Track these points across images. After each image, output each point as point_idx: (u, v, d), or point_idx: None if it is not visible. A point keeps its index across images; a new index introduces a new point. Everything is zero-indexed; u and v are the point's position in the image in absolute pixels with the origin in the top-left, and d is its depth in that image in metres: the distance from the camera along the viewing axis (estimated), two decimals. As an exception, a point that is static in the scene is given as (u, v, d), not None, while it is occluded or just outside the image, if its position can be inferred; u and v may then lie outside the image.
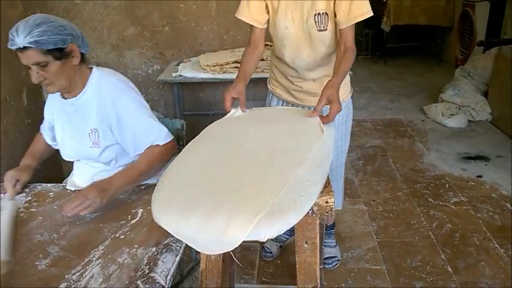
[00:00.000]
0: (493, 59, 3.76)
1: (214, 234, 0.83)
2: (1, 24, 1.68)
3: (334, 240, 2.11)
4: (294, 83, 1.67)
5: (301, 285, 1.07)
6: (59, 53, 1.30)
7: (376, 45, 6.13)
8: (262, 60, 2.66)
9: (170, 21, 3.04)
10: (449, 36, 5.49)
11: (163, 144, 1.44)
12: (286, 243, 2.18)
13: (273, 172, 0.96)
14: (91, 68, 1.46)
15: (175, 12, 3.02)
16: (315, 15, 1.46)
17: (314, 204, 0.95)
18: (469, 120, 3.73)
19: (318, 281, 1.07)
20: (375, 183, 2.81)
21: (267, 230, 0.81)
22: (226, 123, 1.31)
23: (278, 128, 1.22)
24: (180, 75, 2.70)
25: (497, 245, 2.16)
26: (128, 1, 3.01)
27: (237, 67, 2.67)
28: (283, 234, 2.05)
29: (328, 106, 1.27)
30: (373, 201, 2.60)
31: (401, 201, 2.59)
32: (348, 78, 1.71)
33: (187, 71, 2.70)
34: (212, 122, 1.35)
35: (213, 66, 2.67)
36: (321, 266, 1.43)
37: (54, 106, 1.52)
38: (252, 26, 1.56)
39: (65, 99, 1.45)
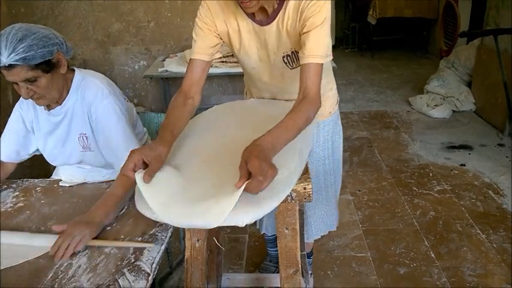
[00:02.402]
0: (476, 49, 3.83)
1: (195, 220, 0.86)
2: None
3: (310, 270, 1.90)
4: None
5: (284, 269, 1.11)
6: (47, 66, 1.24)
7: (363, 38, 6.19)
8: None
9: (155, 17, 3.06)
10: (434, 29, 5.56)
11: None
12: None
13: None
14: (73, 70, 1.41)
15: (160, 8, 3.04)
16: (283, 56, 1.26)
17: (292, 190, 0.98)
18: (453, 111, 3.80)
19: (300, 266, 1.11)
20: (361, 173, 2.86)
21: (245, 216, 0.85)
22: (207, 117, 1.34)
23: (258, 120, 1.25)
24: (166, 71, 2.72)
25: (479, 231, 2.22)
26: (112, -3, 3.01)
27: (222, 61, 2.70)
28: (272, 263, 1.96)
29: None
30: (359, 191, 2.65)
31: (386, 190, 2.65)
32: (334, 86, 1.52)
33: (173, 66, 2.72)
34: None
35: (199, 61, 2.68)
36: (303, 252, 1.47)
37: (32, 115, 1.45)
38: (193, 63, 1.23)
39: (49, 110, 1.40)
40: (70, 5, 3.05)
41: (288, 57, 1.26)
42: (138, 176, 0.93)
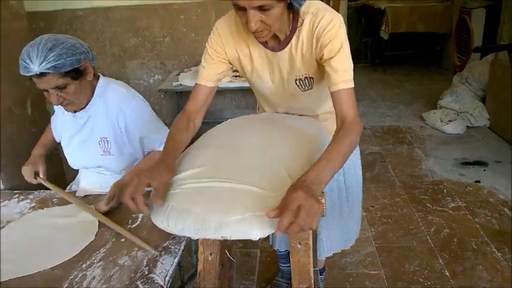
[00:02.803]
0: (489, 65, 3.80)
1: (209, 233, 0.87)
2: (1, 36, 1.73)
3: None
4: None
5: (296, 285, 1.10)
6: (76, 73, 1.31)
7: (376, 53, 6.19)
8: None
9: (171, 32, 3.12)
10: (448, 43, 5.54)
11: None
12: None
13: (268, 175, 1.00)
14: (97, 77, 1.49)
15: (176, 23, 3.09)
16: (295, 80, 1.26)
17: (306, 205, 0.98)
18: (467, 126, 3.76)
19: (312, 281, 1.11)
20: (374, 189, 2.84)
21: (259, 230, 0.85)
22: (222, 129, 1.35)
23: (276, 133, 1.26)
24: (181, 85, 2.76)
25: (494, 249, 2.18)
26: (129, 13, 3.08)
27: (236, 76, 2.73)
28: (283, 279, 1.95)
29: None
30: (372, 207, 2.63)
31: (399, 206, 2.62)
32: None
33: (188, 80, 2.76)
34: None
35: (213, 75, 2.72)
36: (316, 268, 1.46)
37: (62, 119, 1.56)
38: (199, 88, 1.26)
39: (75, 112, 1.47)
40: (88, 20, 3.12)
41: (301, 81, 1.26)
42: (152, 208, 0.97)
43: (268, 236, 1.71)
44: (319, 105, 1.40)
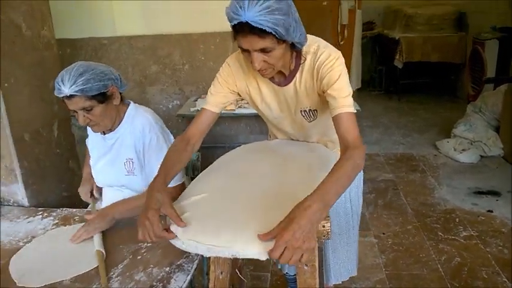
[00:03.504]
0: (503, 95, 3.83)
1: (220, 251, 0.93)
2: (34, 63, 1.87)
3: None
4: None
5: (303, 306, 1.15)
6: (102, 97, 1.43)
7: (390, 81, 6.26)
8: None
9: (190, 60, 3.26)
10: (462, 73, 5.58)
11: (172, 187, 1.46)
12: None
13: (276, 200, 1.07)
14: (128, 104, 1.61)
15: (195, 52, 3.24)
16: (300, 111, 1.35)
17: (312, 228, 1.04)
18: (481, 156, 3.76)
19: (318, 302, 1.15)
20: (386, 216, 2.86)
21: (265, 249, 0.91)
22: (235, 154, 1.43)
23: (286, 160, 1.33)
24: (198, 110, 2.86)
25: (505, 279, 2.17)
26: (151, 42, 3.24)
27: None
28: None
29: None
30: (383, 234, 2.64)
31: (411, 234, 2.63)
32: None
33: (205, 106, 2.87)
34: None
35: (229, 102, 2.83)
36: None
37: (91, 137, 1.69)
38: (204, 112, 1.34)
39: (104, 134, 1.60)
40: (112, 48, 3.30)
41: (305, 113, 1.35)
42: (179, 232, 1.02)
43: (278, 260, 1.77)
44: (328, 133, 1.47)
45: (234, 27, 1.07)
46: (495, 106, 3.96)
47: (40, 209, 1.68)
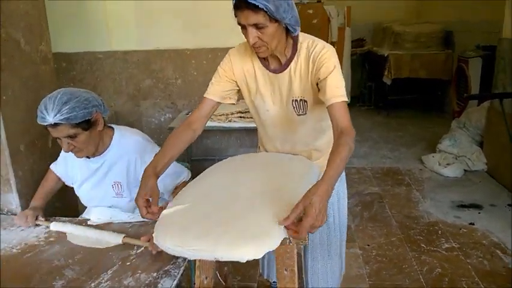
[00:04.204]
0: (486, 111, 3.96)
1: (203, 255, 1.01)
2: (31, 77, 1.94)
3: None
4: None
5: (282, 309, 1.22)
6: (87, 124, 1.46)
7: (380, 97, 6.40)
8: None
9: (183, 75, 3.35)
10: (449, 89, 5.74)
11: (181, 183, 1.69)
12: None
13: (257, 206, 1.15)
14: (112, 128, 1.65)
15: (188, 67, 3.33)
16: (292, 101, 1.45)
17: (290, 234, 1.12)
18: (465, 170, 3.87)
19: (297, 306, 1.22)
20: (371, 228, 2.94)
21: (247, 252, 0.99)
22: (225, 166, 1.51)
23: (268, 171, 1.41)
24: (189, 123, 2.95)
25: (484, 290, 2.25)
26: (145, 56, 3.34)
27: (240, 116, 2.92)
28: None
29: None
30: (368, 245, 2.72)
31: (394, 246, 2.71)
32: None
33: (196, 120, 2.95)
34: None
35: (219, 115, 2.92)
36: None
37: (74, 164, 1.68)
38: (205, 100, 1.48)
39: (89, 158, 1.62)
40: (107, 62, 3.38)
41: (296, 103, 1.45)
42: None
43: (264, 270, 1.84)
44: (312, 139, 1.57)
45: (234, 4, 1.24)
46: (479, 122, 4.09)
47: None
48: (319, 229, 1.62)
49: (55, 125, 1.40)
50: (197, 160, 3.31)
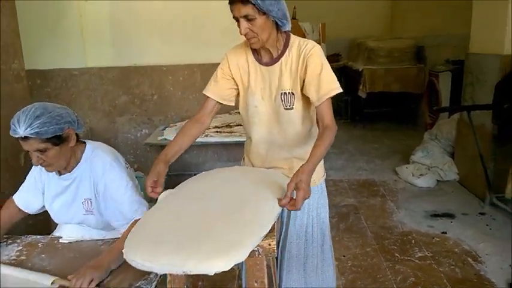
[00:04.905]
0: (456, 123, 4.10)
1: (173, 269, 1.03)
2: (2, 95, 1.94)
3: None
4: (263, 164, 1.69)
5: (254, 321, 1.24)
6: (57, 140, 1.45)
7: (355, 110, 6.54)
8: (239, 125, 2.95)
9: (159, 91, 3.38)
10: (421, 102, 5.91)
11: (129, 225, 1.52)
12: None
13: (227, 219, 1.18)
14: (84, 143, 1.63)
15: (164, 82, 3.36)
16: (281, 94, 1.54)
17: (259, 246, 1.15)
18: (437, 180, 3.98)
19: (267, 317, 1.24)
20: (347, 239, 2.98)
21: (217, 265, 1.01)
22: (199, 180, 1.54)
23: (240, 185, 1.44)
24: (165, 139, 2.96)
25: (456, 297, 2.31)
26: (121, 73, 3.35)
27: (217, 131, 2.95)
28: None
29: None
30: (344, 256, 2.76)
31: (369, 256, 2.76)
32: (322, 161, 1.66)
33: (172, 135, 2.97)
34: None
35: (196, 130, 2.94)
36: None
37: (44, 176, 1.66)
38: (207, 99, 1.62)
39: (60, 175, 1.61)
40: (82, 79, 3.38)
41: (284, 95, 1.55)
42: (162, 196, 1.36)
43: (242, 280, 1.85)
44: (297, 143, 1.63)
45: (229, 1, 1.41)
46: (449, 133, 4.23)
47: (5, 236, 1.71)
48: (297, 241, 1.69)
49: (25, 138, 1.40)
50: (175, 175, 3.30)
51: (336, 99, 7.24)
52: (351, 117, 6.66)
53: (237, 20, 1.43)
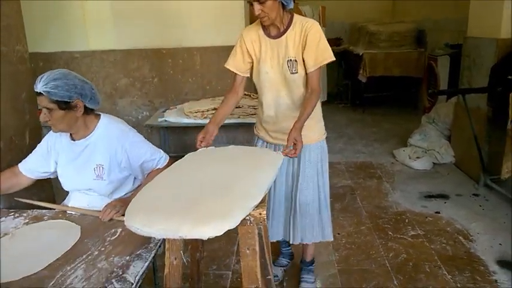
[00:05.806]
0: (453, 106, 4.15)
1: (169, 234, 1.11)
2: (6, 76, 2.01)
3: (313, 277, 2.32)
4: (273, 126, 2.03)
5: (246, 285, 1.32)
6: (64, 105, 1.60)
7: (356, 94, 6.57)
8: (238, 107, 3.01)
9: (159, 74, 3.43)
10: (421, 86, 5.94)
11: (164, 166, 1.82)
12: (288, 267, 2.46)
13: (220, 190, 1.26)
14: (99, 115, 1.78)
15: (164, 66, 3.41)
16: (287, 61, 1.88)
17: (250, 215, 1.23)
18: (434, 163, 4.05)
19: (260, 282, 1.32)
20: (342, 218, 3.07)
21: (209, 230, 1.09)
22: (196, 156, 1.62)
23: (232, 161, 1.52)
24: (165, 121, 3.03)
25: (445, 272, 2.40)
26: (122, 56, 3.40)
27: (205, 117, 3.02)
28: (285, 258, 2.46)
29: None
30: (338, 234, 2.85)
31: (363, 234, 2.84)
32: (321, 123, 2.08)
33: (172, 117, 3.04)
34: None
35: (195, 112, 3.01)
36: (269, 277, 1.64)
37: (58, 144, 1.80)
38: (235, 74, 1.99)
39: (74, 140, 1.76)
40: (84, 62, 3.44)
41: (290, 62, 1.88)
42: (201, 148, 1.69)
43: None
44: (300, 103, 1.93)
45: None
46: (447, 117, 4.28)
47: (11, 210, 1.80)
48: (307, 190, 2.05)
49: (39, 94, 1.57)
50: (175, 156, 3.38)
51: (336, 84, 7.27)
52: (351, 101, 6.69)
53: (251, 4, 1.77)
